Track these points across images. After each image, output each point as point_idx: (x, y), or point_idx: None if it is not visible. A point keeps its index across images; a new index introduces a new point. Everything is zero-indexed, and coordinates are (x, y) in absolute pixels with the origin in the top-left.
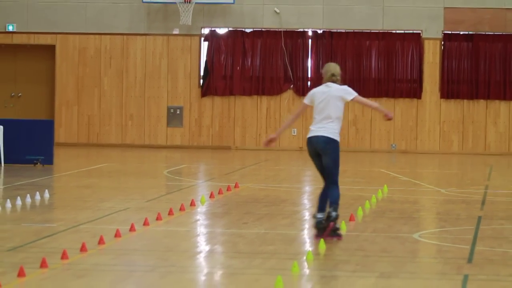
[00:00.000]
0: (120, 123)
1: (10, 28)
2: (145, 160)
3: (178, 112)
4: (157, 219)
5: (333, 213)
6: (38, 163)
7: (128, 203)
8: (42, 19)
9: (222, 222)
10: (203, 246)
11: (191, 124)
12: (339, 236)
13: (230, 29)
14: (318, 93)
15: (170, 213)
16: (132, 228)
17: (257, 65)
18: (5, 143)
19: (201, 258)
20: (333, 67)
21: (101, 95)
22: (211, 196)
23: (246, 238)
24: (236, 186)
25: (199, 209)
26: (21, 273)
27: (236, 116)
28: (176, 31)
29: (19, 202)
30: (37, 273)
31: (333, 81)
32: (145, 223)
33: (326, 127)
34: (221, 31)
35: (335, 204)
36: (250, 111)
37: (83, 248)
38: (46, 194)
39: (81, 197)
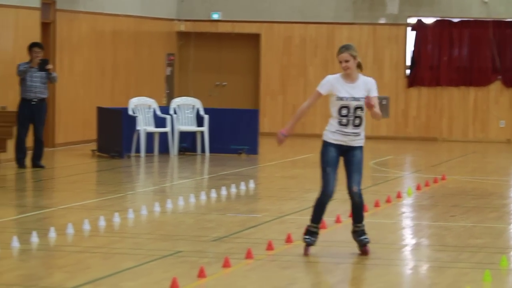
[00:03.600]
0: (325, 113)
1: (215, 16)
2: None
3: (384, 103)
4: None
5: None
6: (243, 153)
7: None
8: (247, 7)
9: (429, 214)
10: (409, 239)
11: (397, 115)
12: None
13: (437, 18)
14: None
15: (376, 205)
16: (337, 220)
17: (464, 56)
18: (209, 132)
19: (408, 251)
20: None
21: (306, 85)
22: (418, 188)
23: (454, 231)
24: (443, 178)
25: (405, 201)
26: (226, 264)
27: (443, 107)
28: (382, 20)
29: (224, 192)
30: (242, 264)
31: None
32: (351, 215)
33: None
34: (428, 20)
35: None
36: (457, 102)
37: (288, 239)
38: (251, 184)
39: (286, 188)
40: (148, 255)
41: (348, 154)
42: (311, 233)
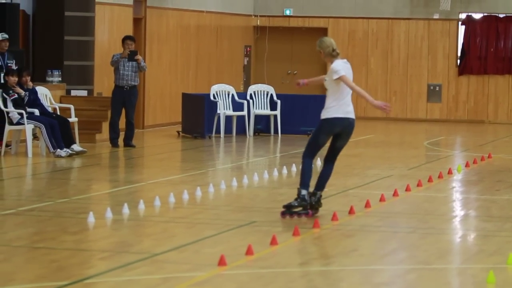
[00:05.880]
0: (384, 98)
1: (288, 12)
2: (407, 132)
3: (437, 89)
4: (418, 185)
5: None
6: (311, 134)
7: (392, 171)
8: (316, 4)
9: (476, 189)
10: (458, 210)
11: (448, 100)
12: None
13: (485, 14)
14: (346, 69)
15: (430, 180)
16: (395, 193)
17: (509, 47)
18: (281, 115)
19: (457, 221)
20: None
21: (368, 73)
22: (467, 165)
23: (498, 203)
24: (489, 157)
25: (455, 177)
26: (296, 233)
27: (490, 93)
28: (436, 16)
29: (294, 168)
30: (310, 232)
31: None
32: (407, 189)
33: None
34: (477, 16)
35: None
36: (502, 89)
37: (351, 211)
38: (318, 162)
39: (349, 165)
40: (227, 225)
41: None
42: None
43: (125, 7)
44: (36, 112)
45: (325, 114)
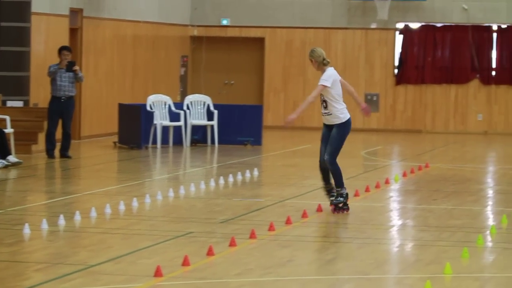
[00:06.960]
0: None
1: (225, 22)
2: (345, 142)
3: (374, 99)
4: (355, 195)
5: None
6: (248, 144)
7: None
8: (253, 14)
9: (414, 198)
10: (396, 220)
11: (386, 109)
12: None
13: (423, 24)
14: (337, 76)
15: (367, 190)
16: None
17: (446, 56)
18: (219, 125)
19: (394, 231)
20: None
21: (305, 83)
22: (404, 175)
23: (435, 213)
24: (426, 166)
25: (392, 187)
26: (232, 243)
27: (427, 102)
28: (373, 25)
29: (231, 179)
30: (246, 243)
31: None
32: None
33: None
34: (414, 25)
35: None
36: (440, 98)
37: (288, 221)
38: (255, 172)
39: (286, 175)
40: (163, 236)
41: (331, 130)
42: (329, 191)
43: (61, 17)
44: None
45: (342, 117)
